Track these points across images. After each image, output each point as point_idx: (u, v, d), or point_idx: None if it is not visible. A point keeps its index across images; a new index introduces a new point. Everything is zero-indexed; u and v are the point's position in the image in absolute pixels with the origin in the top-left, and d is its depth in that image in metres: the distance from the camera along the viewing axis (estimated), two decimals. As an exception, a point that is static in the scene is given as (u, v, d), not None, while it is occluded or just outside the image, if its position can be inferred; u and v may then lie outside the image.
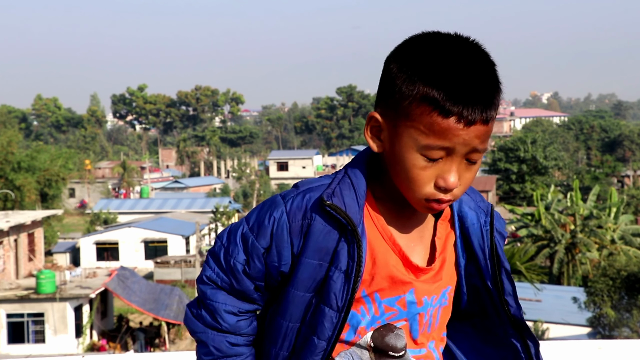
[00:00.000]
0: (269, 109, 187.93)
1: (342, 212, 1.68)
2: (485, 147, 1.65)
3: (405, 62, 1.65)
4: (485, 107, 1.61)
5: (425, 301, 1.74)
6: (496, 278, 1.78)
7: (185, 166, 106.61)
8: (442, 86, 1.59)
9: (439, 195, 1.65)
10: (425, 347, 1.77)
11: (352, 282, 1.67)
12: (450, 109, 1.58)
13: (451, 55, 1.62)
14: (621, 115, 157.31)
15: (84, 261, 47.35)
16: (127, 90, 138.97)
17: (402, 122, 1.64)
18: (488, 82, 1.63)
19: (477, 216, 1.80)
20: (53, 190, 51.01)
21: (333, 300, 1.68)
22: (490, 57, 1.68)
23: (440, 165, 1.63)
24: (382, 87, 1.69)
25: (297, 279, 1.71)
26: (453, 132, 1.59)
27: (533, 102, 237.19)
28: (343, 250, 1.68)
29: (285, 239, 1.71)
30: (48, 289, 30.14)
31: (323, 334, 1.69)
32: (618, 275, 24.76)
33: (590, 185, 56.96)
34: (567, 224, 37.63)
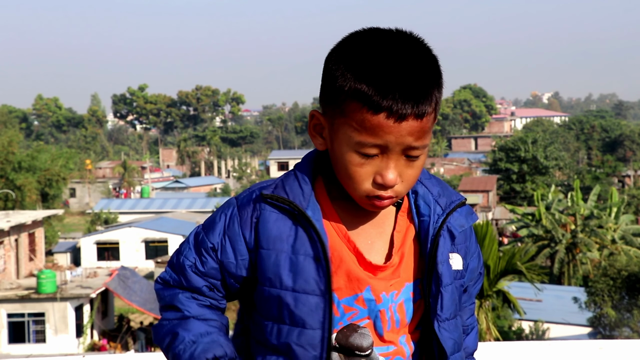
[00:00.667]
0: (269, 108, 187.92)
1: (284, 199, 1.67)
2: (423, 143, 1.61)
3: (340, 58, 1.63)
4: (417, 102, 1.57)
5: (384, 297, 1.69)
6: (427, 278, 1.73)
7: (185, 166, 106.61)
8: (371, 81, 1.57)
9: (378, 192, 1.63)
10: (395, 343, 1.72)
11: (325, 263, 1.64)
12: (380, 105, 1.56)
13: (384, 51, 1.59)
14: (622, 115, 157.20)
15: (85, 261, 47.34)
16: (127, 90, 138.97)
17: (338, 119, 1.63)
18: (421, 76, 1.59)
19: (430, 210, 1.74)
20: (54, 190, 51.00)
21: (314, 285, 1.65)
22: (430, 52, 1.64)
23: (377, 162, 1.61)
24: (322, 85, 1.68)
25: (262, 274, 1.68)
26: (384, 128, 1.57)
27: (534, 102, 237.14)
28: (302, 236, 1.66)
29: (237, 232, 1.70)
30: (49, 288, 30.14)
31: (315, 322, 1.65)
32: (619, 275, 24.76)
33: (590, 185, 56.93)
34: (568, 224, 37.63)
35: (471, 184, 61.74)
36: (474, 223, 1.82)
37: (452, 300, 1.75)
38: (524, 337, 24.79)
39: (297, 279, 1.65)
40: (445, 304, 1.73)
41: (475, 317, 1.95)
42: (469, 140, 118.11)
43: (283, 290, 1.66)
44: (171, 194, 75.59)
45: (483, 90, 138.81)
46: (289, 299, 1.65)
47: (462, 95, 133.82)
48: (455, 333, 1.76)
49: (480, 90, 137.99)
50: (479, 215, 55.65)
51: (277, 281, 1.66)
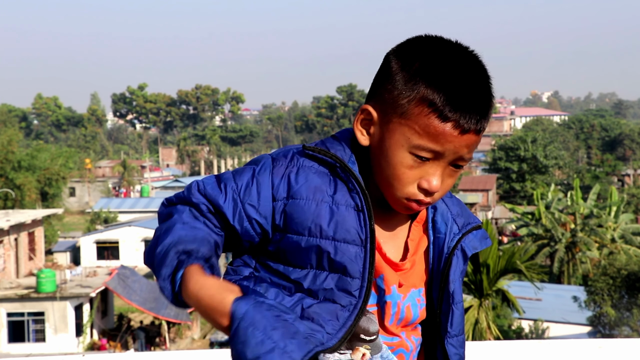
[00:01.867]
0: (269, 108, 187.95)
1: (327, 152, 1.68)
2: (471, 156, 1.67)
3: (408, 60, 1.65)
4: (480, 118, 1.63)
5: (394, 291, 1.72)
6: (438, 295, 1.77)
7: (185, 165, 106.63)
8: (443, 90, 1.60)
9: (420, 196, 1.66)
10: (398, 336, 1.75)
11: (367, 214, 1.65)
12: (449, 115, 1.60)
13: (453, 62, 1.64)
14: (621, 114, 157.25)
15: (84, 260, 47.35)
16: (127, 89, 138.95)
17: (397, 119, 1.64)
18: (485, 94, 1.64)
19: (446, 228, 1.78)
20: (53, 189, 51.02)
21: (355, 235, 1.64)
22: (487, 70, 1.69)
23: (426, 168, 1.64)
24: (380, 82, 1.69)
25: (300, 224, 1.65)
26: (447, 137, 1.61)
27: (533, 101, 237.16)
28: (342, 188, 1.67)
29: (267, 178, 1.67)
30: (48, 288, 30.14)
31: (355, 271, 1.64)
32: (618, 274, 24.77)
33: (590, 184, 56.97)
34: (568, 223, 37.64)
35: (471, 183, 61.74)
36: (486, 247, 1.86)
37: (461, 318, 1.80)
38: (523, 336, 24.81)
39: (339, 228, 1.64)
40: (456, 321, 1.78)
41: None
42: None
43: (323, 239, 1.64)
44: (171, 193, 75.52)
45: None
46: (330, 247, 1.64)
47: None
48: (462, 349, 1.81)
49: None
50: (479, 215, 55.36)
51: (317, 230, 1.64)
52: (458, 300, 1.77)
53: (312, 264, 1.66)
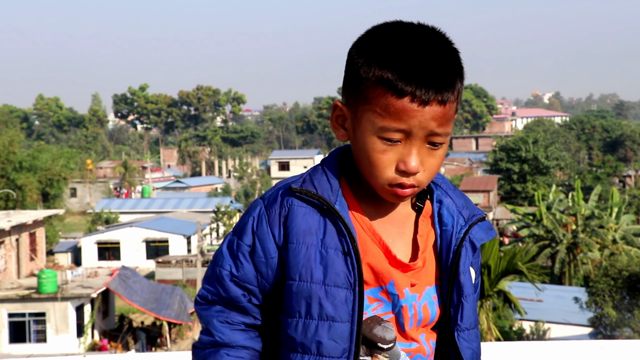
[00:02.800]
0: (270, 108, 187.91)
1: (313, 194, 1.69)
2: (445, 130, 1.64)
3: (364, 48, 1.67)
4: (440, 88, 1.60)
5: (407, 294, 1.71)
6: (448, 288, 1.75)
7: (186, 166, 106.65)
8: (395, 68, 1.60)
9: (401, 180, 1.65)
10: (417, 340, 1.74)
11: (354, 256, 1.66)
12: (404, 89, 1.59)
13: (407, 40, 1.64)
14: (623, 115, 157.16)
15: (86, 261, 47.38)
16: (128, 90, 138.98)
17: (361, 107, 1.65)
18: (444, 65, 1.63)
19: (453, 220, 1.77)
20: (54, 190, 51.02)
21: (344, 278, 1.66)
22: (451, 44, 1.68)
23: (399, 149, 1.63)
24: (345, 76, 1.71)
25: (292, 269, 1.68)
26: (408, 112, 1.60)
27: (534, 102, 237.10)
28: (331, 230, 1.67)
29: (266, 231, 1.70)
30: (49, 288, 30.15)
31: (345, 315, 1.66)
32: (619, 275, 24.76)
33: (591, 185, 56.93)
34: (569, 224, 37.62)
35: (472, 184, 61.72)
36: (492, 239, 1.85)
37: (473, 311, 1.78)
38: (524, 337, 24.79)
39: (328, 272, 1.66)
40: (466, 314, 1.76)
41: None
42: (470, 140, 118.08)
43: (314, 283, 1.66)
44: (172, 193, 75.62)
45: (484, 90, 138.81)
46: (321, 292, 1.66)
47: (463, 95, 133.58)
48: (475, 343, 1.78)
49: (481, 90, 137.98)
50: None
51: (308, 275, 1.66)
52: (468, 292, 1.76)
53: (302, 311, 1.67)
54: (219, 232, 55.42)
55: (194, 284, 40.55)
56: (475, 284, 1.82)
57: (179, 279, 42.83)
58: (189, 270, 43.07)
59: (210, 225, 53.52)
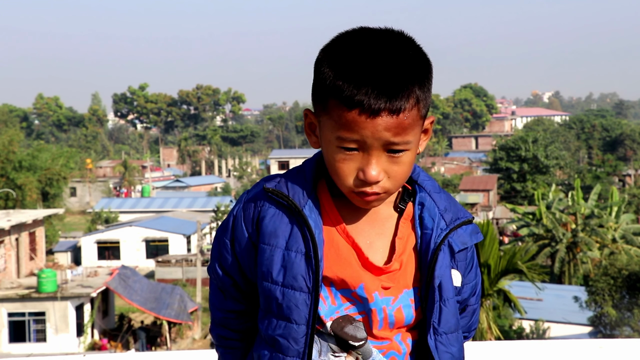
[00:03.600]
0: (270, 108, 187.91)
1: (284, 195, 1.70)
2: (403, 139, 1.61)
3: (325, 57, 1.66)
4: (390, 97, 1.57)
5: (377, 298, 1.70)
6: (426, 290, 1.73)
7: (186, 165, 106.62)
8: (346, 78, 1.59)
9: (363, 188, 1.64)
10: (389, 339, 1.74)
11: (314, 262, 1.67)
12: (353, 100, 1.58)
13: (364, 48, 1.61)
14: (622, 115, 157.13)
15: (85, 260, 47.37)
16: (128, 89, 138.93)
17: (323, 116, 1.66)
18: (398, 72, 1.59)
19: (433, 223, 1.74)
20: (54, 189, 50.99)
21: (302, 282, 1.67)
22: (416, 50, 1.64)
23: (359, 158, 1.62)
24: (312, 84, 1.71)
25: (259, 268, 1.72)
26: (358, 124, 1.58)
27: (534, 101, 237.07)
28: (296, 233, 1.69)
29: (241, 229, 1.76)
30: (49, 288, 30.14)
31: (300, 317, 1.68)
32: (619, 274, 24.76)
33: (591, 184, 56.91)
34: (569, 223, 37.61)
35: (472, 183, 61.73)
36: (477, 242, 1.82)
37: (453, 315, 1.75)
38: (524, 336, 24.79)
39: (287, 274, 1.68)
40: (444, 318, 1.74)
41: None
42: (470, 139, 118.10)
43: (273, 284, 1.70)
44: (172, 193, 75.60)
45: (484, 89, 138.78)
46: (278, 293, 1.69)
47: (463, 94, 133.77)
48: (454, 347, 1.76)
49: (480, 90, 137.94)
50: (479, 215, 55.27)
51: (269, 275, 1.70)
52: (447, 297, 1.73)
53: (266, 308, 1.72)
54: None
55: (194, 284, 40.53)
56: (458, 287, 1.79)
57: (178, 278, 42.82)
58: (189, 269, 43.06)
59: (210, 224, 53.50)
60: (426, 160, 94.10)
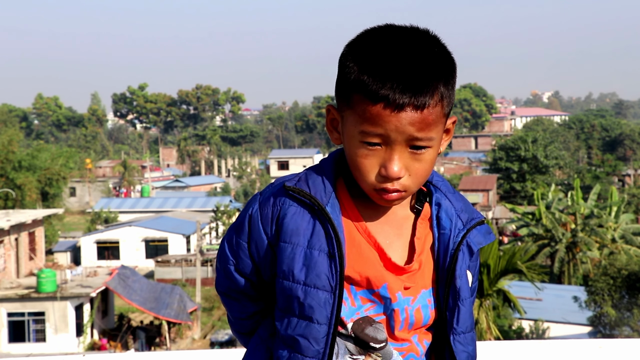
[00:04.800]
0: (269, 107, 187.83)
1: (306, 193, 1.70)
2: (427, 135, 1.62)
3: (350, 52, 1.67)
4: (415, 92, 1.58)
5: (400, 298, 1.71)
6: (445, 291, 1.74)
7: (186, 165, 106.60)
8: (372, 72, 1.60)
9: (384, 185, 1.64)
10: (408, 341, 1.74)
11: (338, 260, 1.66)
12: (378, 94, 1.59)
13: (389, 44, 1.62)
14: (622, 115, 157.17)
15: (85, 260, 47.35)
16: (127, 89, 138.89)
17: (346, 111, 1.66)
18: (423, 68, 1.60)
19: (451, 224, 1.76)
20: (54, 189, 51.00)
21: (325, 280, 1.66)
22: (441, 48, 1.66)
23: (381, 154, 1.63)
24: (336, 79, 1.72)
25: (279, 266, 1.71)
26: (383, 117, 1.59)
27: (534, 101, 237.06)
28: (319, 231, 1.68)
29: (259, 228, 1.74)
30: (49, 288, 30.14)
31: (322, 317, 1.67)
32: (619, 274, 24.76)
33: (591, 184, 56.94)
34: (568, 223, 37.61)
35: (471, 183, 61.73)
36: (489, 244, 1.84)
37: (469, 314, 1.78)
38: (524, 336, 24.79)
39: (310, 273, 1.67)
40: (462, 318, 1.76)
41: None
42: (469, 139, 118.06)
43: (295, 283, 1.68)
44: (171, 193, 75.60)
45: (483, 89, 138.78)
46: (299, 292, 1.68)
47: (462, 94, 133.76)
48: (470, 347, 1.78)
49: (480, 89, 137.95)
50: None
51: (290, 274, 1.69)
52: (465, 296, 1.75)
53: (285, 307, 1.71)
54: (218, 231, 55.41)
55: (194, 283, 40.53)
56: (472, 287, 1.81)
57: (178, 278, 42.83)
58: (188, 269, 43.06)
59: (209, 224, 53.51)
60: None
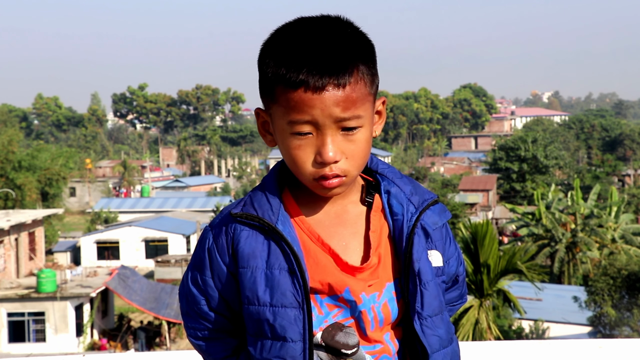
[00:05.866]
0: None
1: (254, 216, 1.68)
2: (354, 113, 1.61)
3: (265, 50, 1.67)
4: (333, 72, 1.58)
5: (364, 298, 1.69)
6: (406, 275, 1.72)
7: (185, 165, 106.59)
8: (287, 61, 1.60)
9: (323, 172, 1.63)
10: (381, 341, 1.72)
11: (299, 275, 1.64)
12: (296, 79, 1.58)
13: (302, 33, 1.63)
14: (622, 115, 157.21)
15: (85, 260, 47.32)
16: (127, 89, 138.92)
17: (273, 107, 1.66)
18: (337, 49, 1.60)
19: (403, 209, 1.74)
20: (54, 189, 50.99)
21: (291, 298, 1.65)
22: (354, 30, 1.67)
23: (313, 141, 1.62)
24: (259, 81, 1.71)
25: (242, 293, 1.69)
26: (306, 102, 1.58)
27: (534, 101, 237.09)
28: (275, 250, 1.66)
29: (217, 260, 1.72)
30: (49, 288, 30.13)
31: (295, 334, 1.65)
32: (619, 274, 24.76)
33: (590, 184, 56.92)
34: (568, 223, 37.61)
35: (471, 183, 61.72)
36: (448, 220, 1.81)
37: (435, 297, 1.73)
38: (524, 336, 24.79)
39: (274, 293, 1.65)
40: (427, 301, 1.72)
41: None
42: (469, 139, 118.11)
43: (261, 306, 1.67)
44: (171, 193, 75.57)
45: (483, 89, 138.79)
46: (268, 314, 1.66)
47: (462, 94, 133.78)
48: (440, 329, 1.74)
49: (480, 90, 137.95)
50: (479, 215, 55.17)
51: (255, 298, 1.67)
52: (427, 279, 1.72)
53: (257, 332, 1.69)
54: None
55: (193, 284, 40.50)
56: (444, 268, 1.78)
57: (178, 278, 42.78)
58: (188, 269, 42.98)
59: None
60: (426, 160, 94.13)
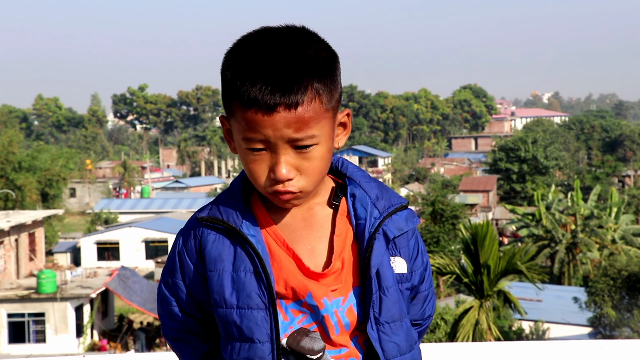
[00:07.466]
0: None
1: (218, 220, 1.68)
2: (307, 134, 1.58)
3: (226, 60, 1.64)
4: (285, 92, 1.54)
5: (326, 303, 1.67)
6: (364, 280, 1.70)
7: (186, 166, 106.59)
8: (243, 77, 1.57)
9: (276, 187, 1.62)
10: (347, 345, 1.71)
11: (264, 277, 1.65)
12: (249, 100, 1.56)
13: (260, 46, 1.59)
14: (622, 115, 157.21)
15: (85, 261, 47.32)
16: (127, 90, 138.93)
17: (231, 120, 1.64)
18: (291, 67, 1.56)
19: (366, 213, 1.71)
20: (54, 190, 50.99)
21: (257, 299, 1.65)
22: (315, 43, 1.62)
23: (267, 158, 1.60)
24: (221, 90, 1.69)
25: (211, 296, 1.70)
26: (258, 122, 1.56)
27: (534, 102, 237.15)
28: (240, 253, 1.67)
29: (187, 263, 1.73)
30: (49, 288, 30.13)
31: (263, 335, 1.66)
32: (619, 275, 24.76)
33: (591, 185, 56.93)
34: (568, 224, 37.62)
35: (471, 184, 61.72)
36: (417, 225, 1.78)
37: (394, 303, 1.71)
38: (524, 337, 24.79)
39: (240, 295, 1.66)
40: (385, 307, 1.70)
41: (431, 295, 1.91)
42: (469, 140, 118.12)
43: (229, 308, 1.67)
44: (171, 194, 75.55)
45: (483, 90, 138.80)
46: (235, 316, 1.67)
47: (462, 95, 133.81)
48: (398, 336, 1.72)
49: (480, 90, 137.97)
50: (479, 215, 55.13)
51: (222, 301, 1.68)
52: (387, 285, 1.70)
53: (227, 335, 1.70)
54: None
55: (194, 284, 40.54)
56: (405, 274, 1.75)
57: (178, 279, 42.78)
58: (189, 270, 42.98)
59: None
60: (426, 161, 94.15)
